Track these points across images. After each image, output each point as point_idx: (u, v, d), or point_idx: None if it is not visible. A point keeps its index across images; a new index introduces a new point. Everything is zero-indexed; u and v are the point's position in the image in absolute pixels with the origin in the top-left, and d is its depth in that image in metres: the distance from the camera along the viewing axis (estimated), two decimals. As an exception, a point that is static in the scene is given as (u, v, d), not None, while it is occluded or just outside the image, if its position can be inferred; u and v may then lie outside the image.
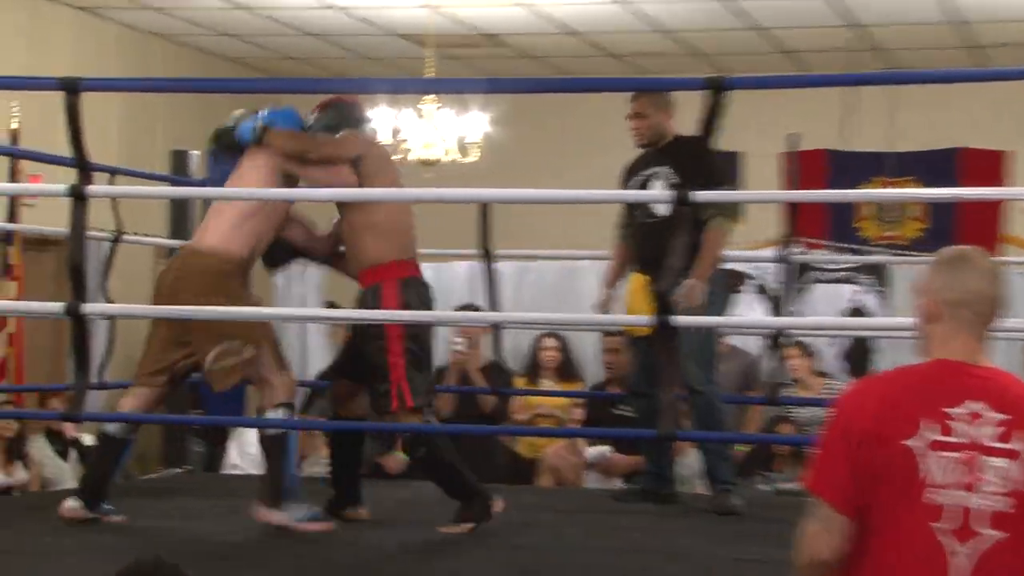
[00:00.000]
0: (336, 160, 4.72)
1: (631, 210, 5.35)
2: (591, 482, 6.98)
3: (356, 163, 4.71)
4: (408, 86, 8.70)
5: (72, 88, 4.35)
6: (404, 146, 9.36)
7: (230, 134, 4.83)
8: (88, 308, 4.49)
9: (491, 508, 4.62)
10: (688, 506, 5.32)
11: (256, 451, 7.45)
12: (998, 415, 2.44)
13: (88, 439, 7.34)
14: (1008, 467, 2.42)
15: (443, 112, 9.51)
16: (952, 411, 2.43)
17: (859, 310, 8.11)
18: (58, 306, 4.52)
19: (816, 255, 8.42)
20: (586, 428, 6.99)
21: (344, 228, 4.81)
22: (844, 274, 8.34)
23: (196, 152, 6.88)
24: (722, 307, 5.27)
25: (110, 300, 5.63)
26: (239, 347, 4.48)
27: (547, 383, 7.41)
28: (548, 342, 7.44)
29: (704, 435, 5.23)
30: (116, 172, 5.73)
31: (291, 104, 5.04)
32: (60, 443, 7.53)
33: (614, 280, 5.46)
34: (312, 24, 9.72)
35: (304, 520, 4.55)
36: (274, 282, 8.52)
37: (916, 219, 10.27)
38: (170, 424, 6.46)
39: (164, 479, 6.62)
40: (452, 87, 8.49)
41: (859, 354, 7.86)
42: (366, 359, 4.67)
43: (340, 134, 4.81)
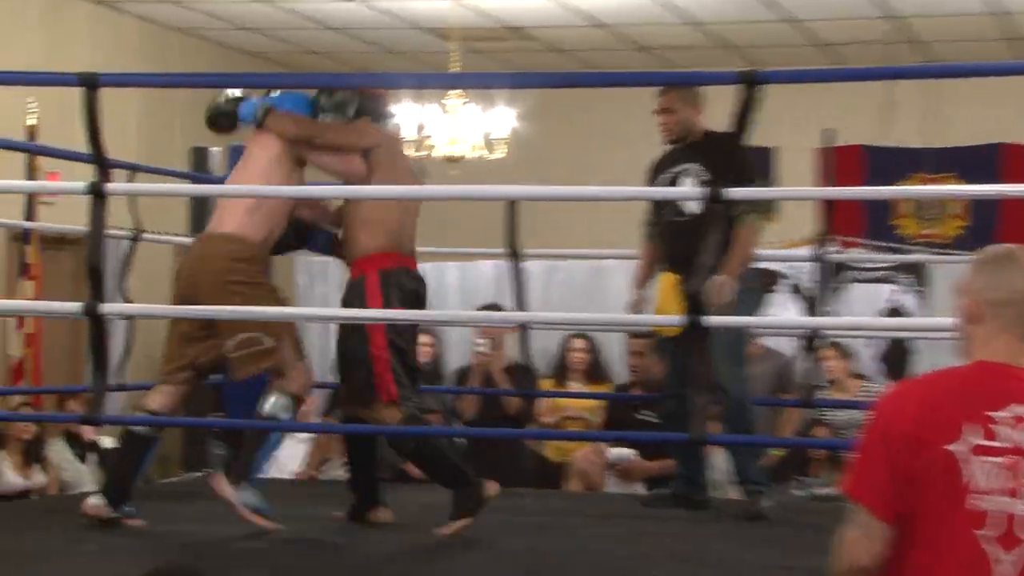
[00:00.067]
0: (345, 147, 4.73)
1: (659, 208, 5.30)
2: (611, 486, 6.87)
3: (367, 152, 4.71)
4: (432, 81, 8.64)
5: (91, 84, 4.31)
6: (429, 142, 9.29)
7: (229, 112, 4.80)
8: (106, 308, 4.47)
9: (484, 496, 4.57)
10: (720, 511, 5.28)
11: (279, 454, 7.42)
12: None
13: (107, 442, 7.30)
14: None
15: (468, 108, 9.45)
16: (995, 415, 2.39)
17: (897, 310, 8.05)
18: (76, 306, 4.50)
19: (853, 254, 8.35)
20: (616, 432, 6.87)
21: (344, 218, 4.82)
22: (882, 273, 8.30)
23: (216, 149, 6.85)
24: (754, 306, 5.22)
25: (129, 300, 5.62)
26: (259, 338, 4.49)
27: (575, 385, 7.33)
28: (576, 343, 7.35)
29: (737, 439, 5.17)
30: (136, 169, 5.73)
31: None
32: (78, 446, 7.49)
33: (644, 280, 5.40)
34: (334, 18, 9.67)
35: (249, 508, 4.48)
36: (296, 281, 8.46)
37: (956, 216, 10.18)
38: (191, 427, 6.44)
39: (185, 483, 6.64)
40: (477, 82, 8.42)
41: (897, 356, 7.81)
42: (347, 351, 4.67)
43: (355, 122, 4.80)
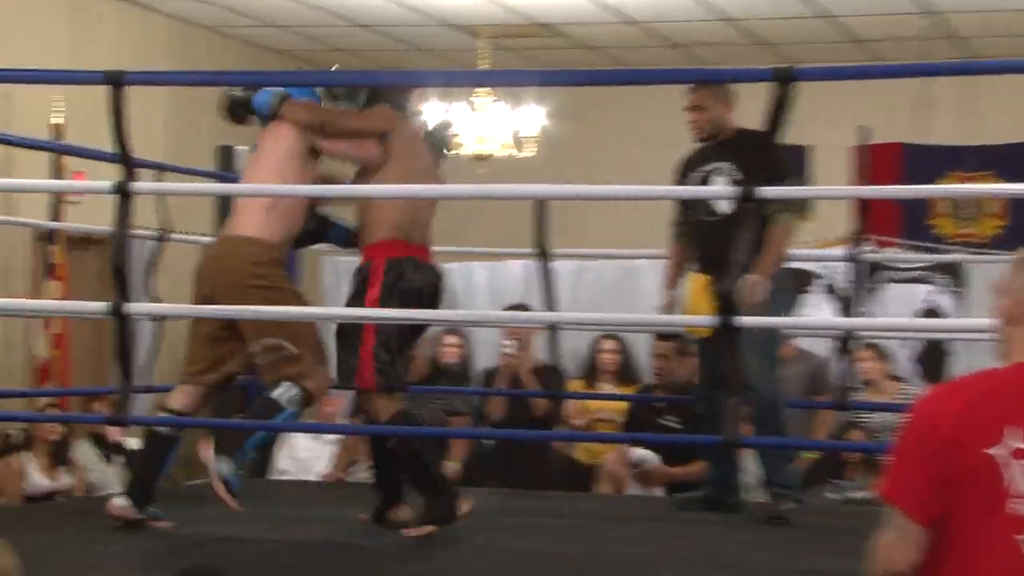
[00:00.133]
0: (360, 133, 4.67)
1: (688, 207, 5.24)
2: (631, 488, 6.79)
3: (382, 138, 4.65)
4: (460, 78, 8.56)
5: (117, 82, 4.29)
6: (457, 140, 9.21)
7: (244, 101, 4.73)
8: (132, 308, 4.46)
9: (457, 510, 4.52)
10: (752, 515, 5.22)
11: (306, 456, 7.39)
12: None
13: (133, 443, 7.25)
14: None
15: (497, 105, 9.39)
16: (1036, 418, 2.34)
17: (934, 311, 7.99)
18: (102, 306, 4.49)
19: (888, 254, 8.29)
20: (644, 434, 6.78)
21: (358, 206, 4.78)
22: (918, 273, 8.23)
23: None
24: (787, 307, 5.18)
25: (156, 300, 5.60)
26: (282, 344, 4.47)
27: (606, 386, 7.25)
28: (606, 344, 7.28)
29: (770, 441, 5.10)
30: (162, 168, 5.71)
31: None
32: (105, 447, 7.45)
33: (674, 281, 5.35)
34: (361, 14, 9.61)
35: (222, 477, 4.41)
36: (323, 282, 8.42)
37: (995, 216, 10.11)
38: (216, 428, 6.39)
39: (210, 485, 6.54)
40: (506, 79, 8.35)
41: (933, 357, 7.75)
42: (342, 333, 4.63)
43: (370, 108, 4.73)
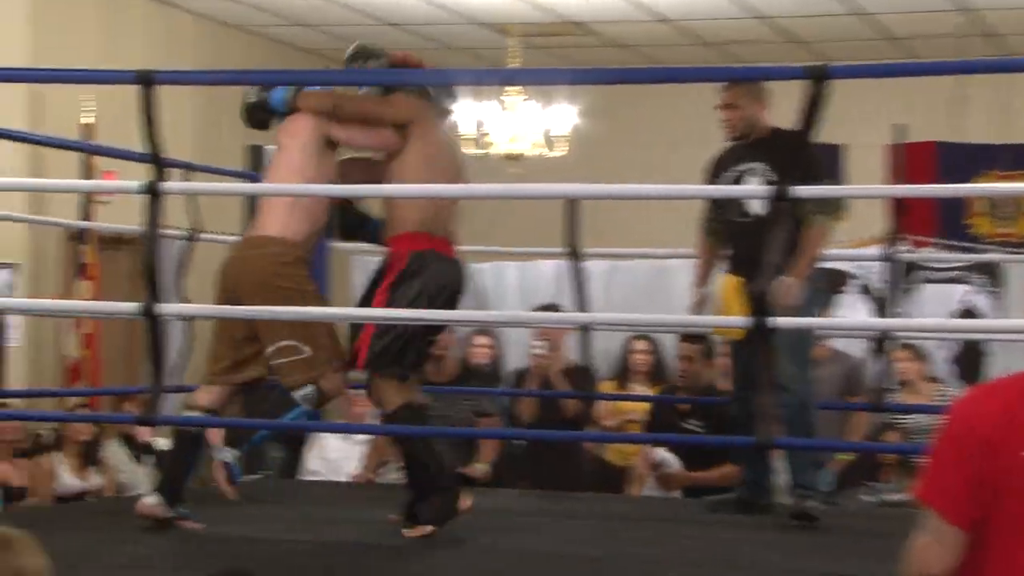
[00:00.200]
0: (376, 119, 4.61)
1: (720, 207, 5.18)
2: (648, 489, 6.72)
3: (402, 127, 4.59)
4: (491, 77, 8.55)
5: (147, 81, 4.29)
6: (488, 139, 9.19)
7: (262, 103, 4.72)
8: (163, 308, 4.44)
9: (457, 508, 4.51)
10: (780, 517, 5.16)
11: (336, 456, 7.36)
12: None
13: (163, 443, 7.25)
14: None
15: (528, 104, 9.35)
16: (1075, 420, 2.33)
17: (970, 311, 7.94)
18: (133, 306, 4.50)
19: (924, 253, 8.22)
20: (673, 435, 6.70)
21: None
22: (955, 274, 8.17)
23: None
24: (821, 308, 5.14)
25: (186, 300, 5.60)
26: (298, 347, 4.46)
27: (638, 387, 7.18)
28: (638, 344, 7.22)
29: (802, 443, 5.02)
30: (191, 168, 5.71)
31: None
32: (135, 448, 7.45)
33: (704, 279, 5.31)
34: (390, 12, 9.60)
35: (221, 463, 4.56)
36: (353, 281, 8.38)
37: (1032, 215, 10.03)
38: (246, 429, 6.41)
39: (241, 485, 6.55)
40: (537, 78, 8.31)
41: (970, 358, 7.73)
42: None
43: (390, 95, 4.69)
